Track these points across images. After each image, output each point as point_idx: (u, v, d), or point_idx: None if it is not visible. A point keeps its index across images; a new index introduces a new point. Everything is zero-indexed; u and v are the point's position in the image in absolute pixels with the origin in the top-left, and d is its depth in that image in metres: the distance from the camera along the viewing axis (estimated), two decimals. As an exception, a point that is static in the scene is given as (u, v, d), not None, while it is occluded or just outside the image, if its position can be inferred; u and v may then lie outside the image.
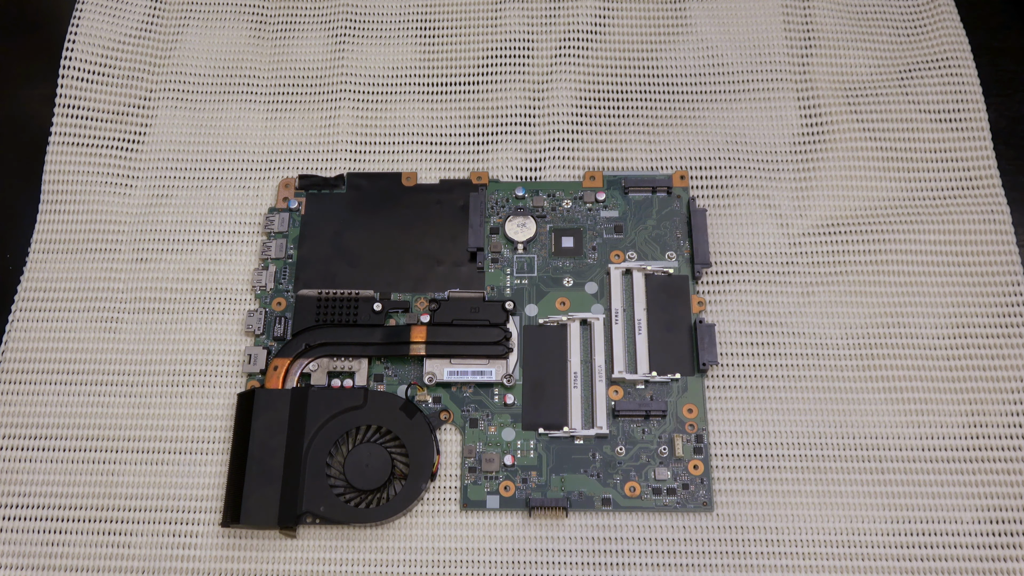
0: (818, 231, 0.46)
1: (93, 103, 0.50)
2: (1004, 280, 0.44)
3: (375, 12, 0.52)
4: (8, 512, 0.41)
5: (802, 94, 0.49)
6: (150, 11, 0.52)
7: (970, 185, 0.46)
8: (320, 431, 0.40)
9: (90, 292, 0.45)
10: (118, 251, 0.46)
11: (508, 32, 0.51)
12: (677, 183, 0.46)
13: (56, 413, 0.43)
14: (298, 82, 0.51)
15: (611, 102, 0.49)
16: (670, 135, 0.48)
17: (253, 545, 0.40)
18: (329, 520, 0.39)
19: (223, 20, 0.52)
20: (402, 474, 0.40)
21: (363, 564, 0.40)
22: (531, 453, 0.41)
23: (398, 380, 0.42)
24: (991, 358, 0.42)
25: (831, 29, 0.51)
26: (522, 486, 0.40)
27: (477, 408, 0.42)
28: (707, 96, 0.49)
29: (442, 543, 0.40)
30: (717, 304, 0.44)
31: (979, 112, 0.48)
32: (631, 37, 0.51)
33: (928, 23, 0.50)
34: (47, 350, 0.44)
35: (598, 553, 0.39)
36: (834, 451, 0.41)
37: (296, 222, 0.46)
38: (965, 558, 0.39)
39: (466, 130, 0.49)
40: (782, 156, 0.48)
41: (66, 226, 0.47)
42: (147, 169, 0.48)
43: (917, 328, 0.43)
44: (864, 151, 0.47)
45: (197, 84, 0.51)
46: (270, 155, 0.49)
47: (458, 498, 0.40)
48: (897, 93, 0.49)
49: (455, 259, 0.45)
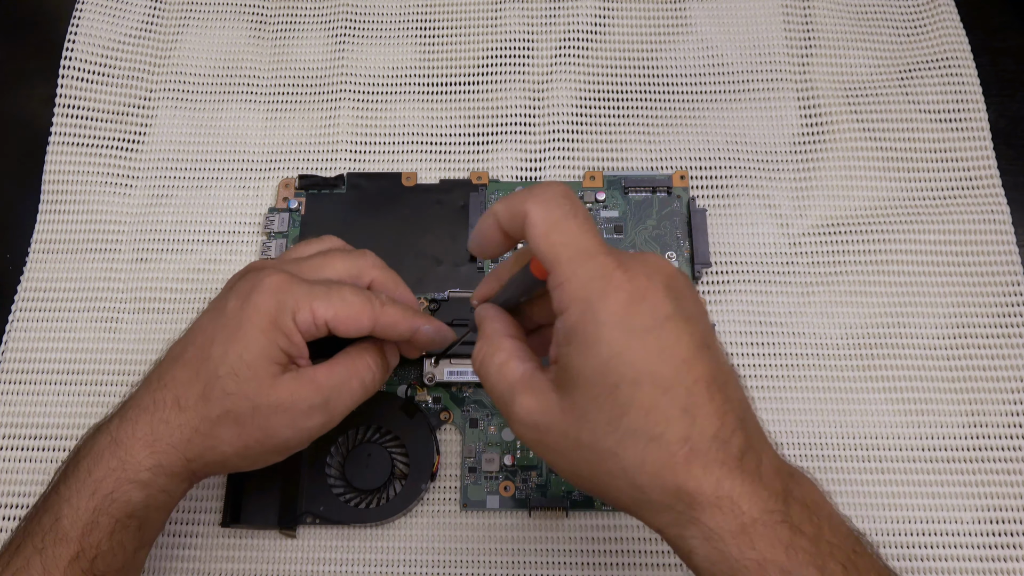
0: (818, 231, 0.46)
1: (93, 103, 0.50)
2: (1004, 280, 0.44)
3: (375, 12, 0.52)
4: (8, 512, 0.41)
5: (802, 94, 0.49)
6: (150, 11, 0.52)
7: (970, 185, 0.46)
8: (320, 431, 0.40)
9: (90, 292, 0.45)
10: (118, 251, 0.46)
11: (508, 32, 0.51)
12: (677, 183, 0.46)
13: (56, 413, 0.43)
14: (298, 82, 0.51)
15: (611, 102, 0.49)
16: (670, 135, 0.48)
17: (253, 545, 0.40)
18: (329, 520, 0.39)
19: (223, 20, 0.52)
20: (402, 474, 0.40)
21: (363, 564, 0.40)
22: (531, 453, 0.41)
23: (398, 380, 0.42)
24: (991, 358, 0.42)
25: (831, 29, 0.51)
26: (522, 486, 0.40)
27: (477, 408, 0.42)
28: (707, 96, 0.49)
29: (442, 543, 0.40)
30: (717, 304, 0.44)
31: (979, 112, 0.48)
32: (631, 37, 0.51)
33: (928, 23, 0.50)
34: (47, 350, 0.44)
35: (598, 553, 0.39)
36: (834, 451, 0.41)
37: (296, 222, 0.46)
38: (965, 558, 0.39)
39: (466, 130, 0.49)
40: (782, 156, 0.48)
41: (66, 226, 0.47)
42: (147, 169, 0.48)
43: (917, 328, 0.43)
44: (864, 151, 0.47)
45: (197, 84, 0.50)
46: (270, 155, 0.49)
47: (458, 498, 0.40)
48: (897, 93, 0.49)
49: (455, 259, 0.45)
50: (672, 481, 0.25)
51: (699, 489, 0.25)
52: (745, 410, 0.27)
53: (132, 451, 0.32)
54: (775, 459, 0.27)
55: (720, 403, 0.26)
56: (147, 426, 0.32)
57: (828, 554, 0.25)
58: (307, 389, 0.33)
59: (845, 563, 0.25)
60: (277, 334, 0.32)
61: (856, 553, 0.26)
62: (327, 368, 0.34)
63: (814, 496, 0.27)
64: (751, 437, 0.26)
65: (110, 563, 0.31)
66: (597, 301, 0.26)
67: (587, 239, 0.27)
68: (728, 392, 0.26)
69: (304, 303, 0.32)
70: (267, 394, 0.32)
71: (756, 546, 0.25)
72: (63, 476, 0.33)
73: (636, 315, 0.26)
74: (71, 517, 0.31)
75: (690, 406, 0.25)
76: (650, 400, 0.25)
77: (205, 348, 0.33)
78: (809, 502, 0.26)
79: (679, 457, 0.25)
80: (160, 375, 0.34)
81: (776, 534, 0.25)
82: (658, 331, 0.26)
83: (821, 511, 0.26)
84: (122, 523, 0.32)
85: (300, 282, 0.33)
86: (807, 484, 0.27)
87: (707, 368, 0.26)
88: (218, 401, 0.32)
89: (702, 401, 0.25)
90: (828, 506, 0.27)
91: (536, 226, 0.27)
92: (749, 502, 0.25)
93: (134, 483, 0.32)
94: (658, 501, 0.26)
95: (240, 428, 0.32)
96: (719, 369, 0.26)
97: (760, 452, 0.26)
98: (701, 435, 0.25)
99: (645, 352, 0.25)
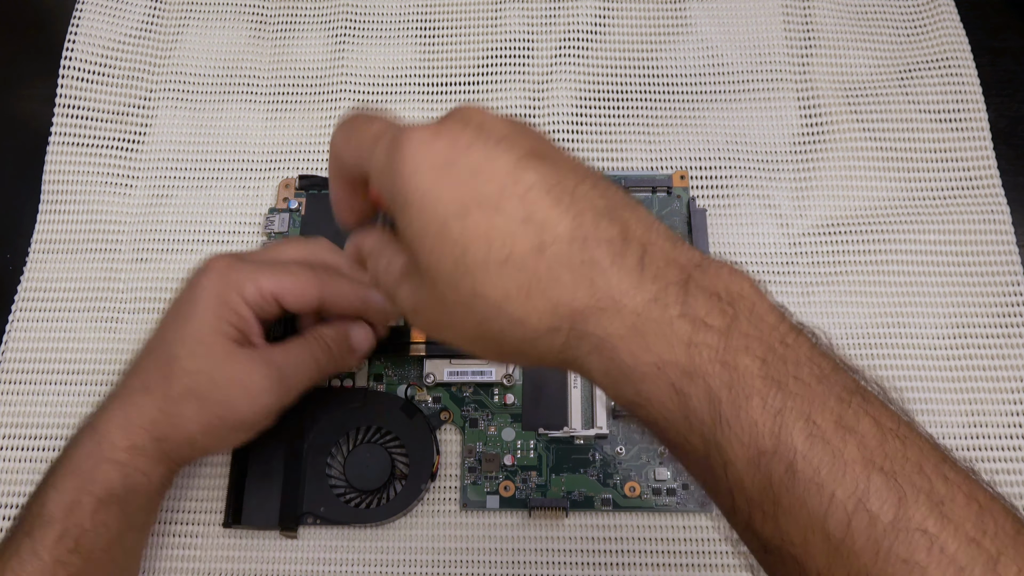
0: (818, 231, 0.46)
1: (93, 103, 0.50)
2: (1004, 280, 0.44)
3: (375, 12, 0.52)
4: (8, 512, 0.41)
5: (802, 94, 0.49)
6: (150, 11, 0.52)
7: (970, 185, 0.46)
8: (320, 432, 0.40)
9: (90, 292, 0.45)
10: (118, 251, 0.46)
11: (508, 32, 0.51)
12: (677, 183, 0.46)
13: (56, 413, 0.43)
14: (298, 82, 0.51)
15: (611, 102, 0.49)
16: (670, 135, 0.48)
17: (254, 546, 0.40)
18: (330, 520, 0.39)
19: (223, 20, 0.52)
20: (402, 474, 0.40)
21: (363, 564, 0.40)
22: (531, 453, 0.41)
23: (398, 380, 0.42)
24: (991, 358, 0.42)
25: (831, 29, 0.51)
26: (522, 486, 0.40)
27: (477, 408, 0.42)
28: (707, 96, 0.49)
29: (442, 543, 0.40)
30: (717, 304, 0.44)
31: (979, 112, 0.48)
32: (631, 37, 0.51)
33: (928, 23, 0.50)
34: (47, 350, 0.44)
35: (598, 553, 0.39)
36: (834, 451, 0.41)
37: (296, 222, 0.46)
38: (965, 558, 0.39)
39: (466, 130, 0.49)
40: (782, 156, 0.48)
41: (66, 226, 0.47)
42: (147, 169, 0.48)
43: (917, 328, 0.43)
44: (864, 151, 0.47)
45: (197, 84, 0.50)
46: (270, 155, 0.49)
47: (458, 498, 0.40)
48: (897, 93, 0.49)
49: (455, 259, 0.45)
50: (543, 298, 0.23)
51: (573, 296, 0.22)
52: (615, 206, 0.24)
53: (107, 434, 0.34)
54: (672, 249, 0.23)
55: (568, 203, 0.23)
56: (119, 411, 0.34)
57: (741, 348, 0.21)
58: (261, 365, 0.35)
59: (765, 356, 0.21)
60: (226, 310, 0.34)
61: (785, 345, 0.22)
62: (282, 347, 0.36)
63: (734, 287, 0.23)
64: (629, 230, 0.23)
65: (95, 542, 0.33)
66: (396, 161, 0.24)
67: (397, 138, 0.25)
68: (580, 192, 0.23)
69: (249, 279, 0.34)
70: (223, 368, 0.34)
71: (651, 348, 0.22)
72: (50, 469, 0.35)
73: (434, 152, 0.23)
74: (55, 500, 0.33)
75: (530, 214, 0.23)
76: (483, 224, 0.23)
77: (163, 333, 0.35)
78: (724, 292, 0.22)
79: (539, 270, 0.22)
80: (132, 366, 0.36)
81: (673, 331, 0.22)
82: (465, 158, 0.23)
83: (740, 302, 0.22)
84: (104, 502, 0.33)
85: (246, 262, 0.35)
86: (727, 273, 0.23)
87: (540, 174, 0.23)
88: (178, 379, 0.34)
89: (544, 206, 0.23)
90: (755, 297, 0.23)
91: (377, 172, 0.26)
92: (633, 297, 0.22)
93: (111, 463, 0.33)
94: (542, 327, 0.23)
95: (201, 403, 0.34)
96: (561, 172, 0.24)
97: (645, 244, 0.23)
98: (555, 239, 0.22)
99: (458, 181, 0.23)
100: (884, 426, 0.21)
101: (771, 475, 0.21)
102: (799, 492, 0.20)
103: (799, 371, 0.21)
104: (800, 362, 0.21)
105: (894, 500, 0.20)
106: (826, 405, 0.21)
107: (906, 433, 0.21)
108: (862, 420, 0.21)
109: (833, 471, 0.20)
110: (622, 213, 0.23)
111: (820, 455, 0.20)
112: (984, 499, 0.21)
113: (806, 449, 0.20)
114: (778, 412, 0.21)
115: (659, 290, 0.22)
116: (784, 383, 0.21)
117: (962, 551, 0.19)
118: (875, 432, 0.21)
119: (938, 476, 0.21)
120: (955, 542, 0.19)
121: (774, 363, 0.21)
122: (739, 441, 0.21)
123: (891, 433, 0.21)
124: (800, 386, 0.21)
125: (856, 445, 0.20)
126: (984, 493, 0.21)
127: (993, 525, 0.20)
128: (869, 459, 0.20)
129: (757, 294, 0.23)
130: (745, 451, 0.21)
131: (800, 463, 0.20)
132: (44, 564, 0.32)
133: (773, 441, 0.21)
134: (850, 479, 0.20)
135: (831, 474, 0.20)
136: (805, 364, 0.21)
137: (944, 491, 0.20)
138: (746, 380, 0.21)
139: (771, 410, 0.21)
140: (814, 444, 0.20)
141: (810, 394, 0.21)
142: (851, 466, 0.20)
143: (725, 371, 0.21)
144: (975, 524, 0.20)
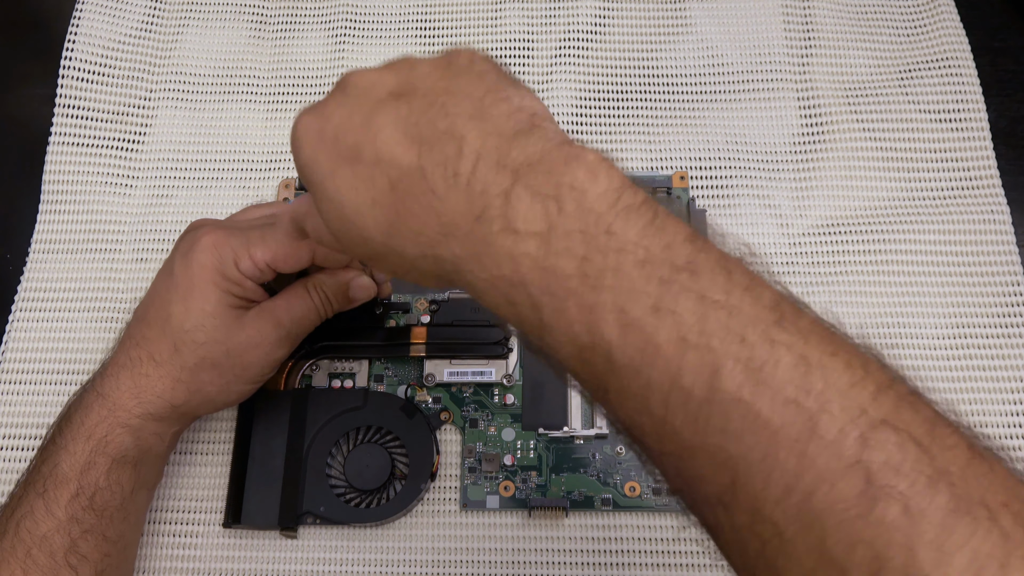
0: (818, 231, 0.46)
1: (93, 103, 0.50)
2: (1004, 280, 0.44)
3: (375, 12, 0.52)
4: (8, 512, 0.41)
5: (802, 94, 0.49)
6: (150, 11, 0.52)
7: (970, 185, 0.46)
8: (321, 432, 0.40)
9: (90, 292, 0.45)
10: (118, 251, 0.46)
11: (508, 32, 0.51)
12: (677, 183, 0.46)
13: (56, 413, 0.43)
14: (298, 82, 0.51)
15: (611, 102, 0.49)
16: (670, 135, 0.48)
17: (254, 545, 0.40)
18: (330, 520, 0.39)
19: (223, 20, 0.52)
20: (402, 474, 0.40)
21: (363, 564, 0.40)
22: (531, 453, 0.41)
23: (398, 380, 0.42)
24: (991, 358, 0.42)
25: (831, 29, 0.51)
26: (522, 486, 0.40)
27: (477, 408, 0.42)
28: (707, 96, 0.49)
29: (442, 543, 0.40)
30: (717, 304, 0.44)
31: (979, 112, 0.48)
32: (631, 37, 0.51)
33: (928, 23, 0.50)
34: (47, 350, 0.44)
35: (598, 553, 0.39)
36: (834, 451, 0.41)
37: (296, 222, 0.46)
38: (965, 558, 0.39)
39: (466, 130, 0.49)
40: (782, 156, 0.48)
41: (66, 226, 0.47)
42: (147, 169, 0.48)
43: (917, 328, 0.43)
44: (864, 151, 0.47)
45: (197, 84, 0.50)
46: (270, 155, 0.49)
47: (458, 498, 0.41)
48: (897, 93, 0.49)
49: (455, 259, 0.45)
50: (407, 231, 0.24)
51: (424, 225, 0.24)
52: (456, 122, 0.24)
53: (119, 401, 0.35)
54: (506, 152, 0.23)
55: (414, 134, 0.24)
56: (129, 379, 0.35)
57: (562, 250, 0.22)
58: (270, 325, 0.36)
59: (586, 252, 0.21)
60: (228, 283, 0.35)
61: (610, 234, 0.21)
62: (284, 302, 0.37)
63: (566, 178, 0.22)
64: (464, 144, 0.23)
65: (108, 500, 0.34)
66: (292, 147, 0.27)
67: None
68: (427, 118, 0.24)
69: (243, 252, 0.35)
70: (236, 336, 0.36)
71: (485, 266, 0.23)
72: (58, 429, 0.35)
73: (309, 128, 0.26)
74: (68, 462, 0.34)
75: (379, 155, 0.24)
76: (349, 177, 0.25)
77: (164, 308, 0.36)
78: (554, 188, 0.22)
79: (397, 206, 0.24)
80: (131, 335, 0.37)
81: (497, 247, 0.22)
82: (329, 123, 0.26)
83: (568, 195, 0.22)
84: (118, 462, 0.35)
85: (235, 233, 0.36)
86: (562, 163, 0.22)
87: (393, 114, 0.24)
88: (191, 351, 0.35)
89: (391, 143, 0.24)
90: (587, 183, 0.22)
91: None
92: (465, 219, 0.23)
93: (125, 427, 0.35)
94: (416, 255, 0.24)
95: (218, 370, 0.36)
96: (413, 104, 0.24)
97: (479, 154, 0.23)
98: (401, 175, 0.24)
99: (327, 145, 0.25)
100: (708, 300, 0.20)
101: (595, 368, 0.21)
102: (623, 381, 0.21)
103: (621, 260, 0.21)
104: (624, 249, 0.21)
105: (707, 374, 0.20)
106: (644, 291, 0.21)
107: (736, 302, 0.20)
108: (683, 299, 0.20)
109: (646, 355, 0.20)
110: (462, 127, 0.23)
111: (634, 342, 0.21)
112: (818, 357, 0.20)
113: (620, 339, 0.21)
114: (591, 309, 0.21)
115: (483, 206, 0.22)
116: (600, 278, 0.21)
117: (777, 414, 0.19)
118: (695, 308, 0.20)
119: (763, 341, 0.20)
120: (771, 406, 0.19)
121: (594, 257, 0.21)
122: (561, 343, 0.22)
123: (715, 306, 0.20)
124: (617, 277, 0.21)
125: (672, 326, 0.20)
126: (823, 349, 0.20)
127: (821, 382, 0.19)
128: (682, 338, 0.20)
129: (590, 179, 0.22)
130: (569, 351, 0.22)
131: (616, 353, 0.21)
132: (59, 522, 0.33)
133: (590, 337, 0.21)
134: (661, 361, 0.20)
135: (644, 359, 0.20)
136: (629, 251, 0.21)
137: (766, 356, 0.20)
138: (562, 283, 0.21)
139: (585, 308, 0.21)
140: (628, 332, 0.21)
141: (627, 284, 0.21)
142: (664, 347, 0.20)
143: (544, 277, 0.22)
144: (799, 385, 0.19)
